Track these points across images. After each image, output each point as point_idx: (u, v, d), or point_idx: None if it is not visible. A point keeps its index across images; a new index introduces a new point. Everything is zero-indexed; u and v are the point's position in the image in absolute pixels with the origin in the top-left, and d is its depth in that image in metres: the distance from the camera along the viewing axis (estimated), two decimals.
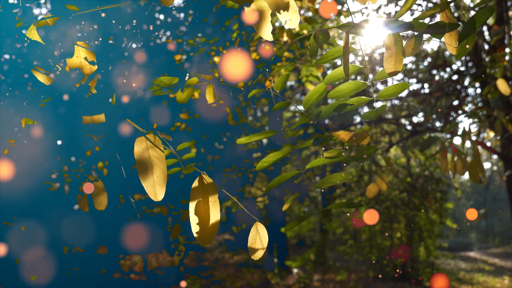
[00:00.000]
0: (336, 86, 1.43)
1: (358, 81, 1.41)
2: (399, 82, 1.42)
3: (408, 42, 1.31)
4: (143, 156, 1.17)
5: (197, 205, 1.18)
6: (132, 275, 6.24)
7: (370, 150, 1.40)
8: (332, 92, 1.43)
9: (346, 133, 1.37)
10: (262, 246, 1.28)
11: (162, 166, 1.17)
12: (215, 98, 1.48)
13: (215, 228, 1.18)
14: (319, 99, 1.44)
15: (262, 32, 1.25)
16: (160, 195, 1.16)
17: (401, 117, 8.27)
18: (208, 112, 5.66)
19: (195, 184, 1.20)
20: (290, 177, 1.49)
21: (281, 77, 1.44)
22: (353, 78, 7.77)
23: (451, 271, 12.42)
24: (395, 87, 1.40)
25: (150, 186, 1.16)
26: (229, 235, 12.29)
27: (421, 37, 1.29)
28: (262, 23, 1.24)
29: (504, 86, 2.79)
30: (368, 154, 1.40)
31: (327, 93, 1.46)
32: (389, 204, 10.16)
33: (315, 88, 1.44)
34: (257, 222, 1.29)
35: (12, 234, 5.02)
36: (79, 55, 1.46)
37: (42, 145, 5.17)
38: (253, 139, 1.49)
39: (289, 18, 1.25)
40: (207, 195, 1.20)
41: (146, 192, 5.19)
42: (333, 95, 1.43)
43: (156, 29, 6.16)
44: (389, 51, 1.28)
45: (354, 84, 1.41)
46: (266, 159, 1.52)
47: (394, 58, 1.28)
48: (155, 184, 1.16)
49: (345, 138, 1.36)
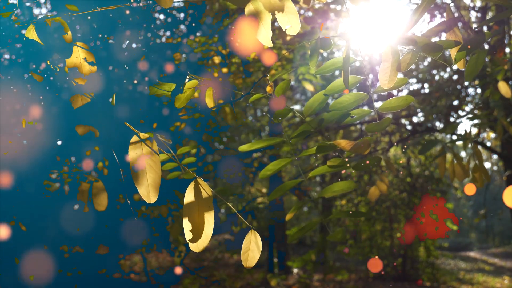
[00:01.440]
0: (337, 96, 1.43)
1: (359, 93, 1.40)
2: (401, 96, 1.41)
3: (404, 57, 1.29)
4: (137, 160, 1.16)
5: (190, 211, 1.16)
6: (132, 275, 6.24)
7: (372, 161, 1.39)
8: (333, 104, 1.43)
9: (347, 142, 1.36)
10: (255, 254, 1.26)
11: (157, 169, 1.16)
12: (215, 102, 1.47)
13: (208, 236, 1.16)
14: (321, 106, 1.44)
15: (261, 37, 1.24)
16: (153, 197, 1.16)
17: (401, 117, 8.27)
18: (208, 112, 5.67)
19: (189, 189, 1.17)
20: (293, 186, 1.48)
21: (282, 83, 1.43)
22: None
23: (451, 271, 12.42)
24: (398, 100, 1.38)
25: (144, 188, 1.16)
26: (229, 235, 12.29)
27: (417, 54, 1.28)
28: (261, 28, 1.23)
29: (505, 88, 2.79)
30: (370, 164, 1.39)
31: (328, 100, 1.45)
32: (389, 204, 10.16)
33: (315, 96, 1.43)
34: (252, 230, 1.27)
35: (12, 234, 5.02)
36: (78, 56, 1.46)
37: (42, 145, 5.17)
38: (255, 147, 1.48)
39: (290, 25, 1.24)
40: (201, 201, 1.18)
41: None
42: (334, 107, 1.42)
43: (156, 29, 6.16)
44: (385, 63, 1.27)
45: (355, 96, 1.40)
46: (269, 167, 1.51)
47: (389, 71, 1.27)
48: (148, 186, 1.16)
49: (346, 148, 1.35)
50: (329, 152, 1.43)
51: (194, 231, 1.15)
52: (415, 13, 1.30)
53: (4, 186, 4.92)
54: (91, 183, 1.70)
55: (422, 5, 1.28)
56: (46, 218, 5.29)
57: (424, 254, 10.07)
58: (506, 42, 7.09)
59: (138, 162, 1.15)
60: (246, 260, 1.26)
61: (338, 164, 1.44)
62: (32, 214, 5.27)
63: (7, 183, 4.91)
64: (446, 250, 18.64)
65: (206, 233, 1.16)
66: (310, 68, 4.62)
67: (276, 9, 1.20)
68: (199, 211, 1.16)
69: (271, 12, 1.21)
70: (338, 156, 1.48)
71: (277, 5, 1.20)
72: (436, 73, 8.25)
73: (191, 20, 6.17)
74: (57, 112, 5.38)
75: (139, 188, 1.15)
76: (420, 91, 8.13)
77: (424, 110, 7.59)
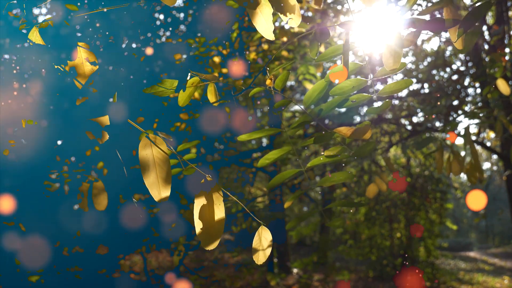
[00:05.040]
0: (337, 84, 1.42)
1: (359, 78, 1.40)
2: (400, 80, 1.41)
3: (407, 36, 1.31)
4: (146, 158, 1.16)
5: (201, 208, 1.16)
6: (132, 275, 6.24)
7: (369, 147, 1.40)
8: (334, 89, 1.42)
9: (347, 129, 1.36)
10: (265, 250, 1.27)
11: (166, 167, 1.16)
12: (217, 97, 1.47)
13: (220, 231, 1.17)
14: (320, 96, 1.43)
15: (264, 31, 1.25)
16: (164, 195, 1.15)
17: (401, 117, 8.27)
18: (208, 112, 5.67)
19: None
20: (292, 175, 1.48)
21: (282, 75, 1.43)
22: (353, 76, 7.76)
23: (451, 271, 12.42)
24: (397, 84, 1.39)
25: (154, 186, 1.15)
26: (229, 235, 12.29)
27: (420, 32, 1.30)
28: (263, 22, 1.24)
29: (504, 86, 2.79)
30: (368, 150, 1.39)
31: (327, 90, 1.45)
32: (389, 204, 10.16)
33: (315, 85, 1.43)
34: (262, 226, 1.28)
35: (12, 234, 5.02)
36: (80, 56, 1.46)
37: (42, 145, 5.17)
38: (254, 136, 1.48)
39: (291, 17, 1.25)
40: (212, 198, 1.18)
41: (145, 192, 5.15)
42: (335, 92, 1.42)
43: (156, 28, 6.16)
44: (388, 48, 1.28)
45: (355, 81, 1.40)
46: (268, 156, 1.51)
47: (393, 55, 1.28)
48: (159, 185, 1.15)
49: (347, 134, 1.35)
50: (328, 141, 1.43)
51: (205, 228, 1.15)
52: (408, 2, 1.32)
53: (4, 186, 4.92)
54: (91, 183, 1.70)
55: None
56: (46, 218, 5.29)
57: (424, 254, 10.07)
58: (506, 42, 7.09)
59: (147, 160, 1.15)
60: (257, 255, 1.27)
61: (337, 153, 1.43)
62: (32, 214, 5.27)
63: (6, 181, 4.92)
64: (446, 250, 18.64)
65: (217, 230, 1.16)
66: (310, 68, 4.63)
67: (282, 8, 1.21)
68: (209, 208, 1.17)
69: (274, 5, 1.21)
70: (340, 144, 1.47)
71: (283, 2, 1.21)
72: (436, 73, 8.25)
73: (191, 20, 6.17)
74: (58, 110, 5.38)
75: (149, 186, 1.14)
76: (420, 91, 8.13)
77: (424, 110, 7.59)
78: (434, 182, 10.15)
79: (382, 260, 10.13)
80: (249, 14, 1.23)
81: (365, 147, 1.41)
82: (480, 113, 3.12)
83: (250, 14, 1.23)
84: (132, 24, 5.68)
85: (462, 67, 7.83)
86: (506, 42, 7.09)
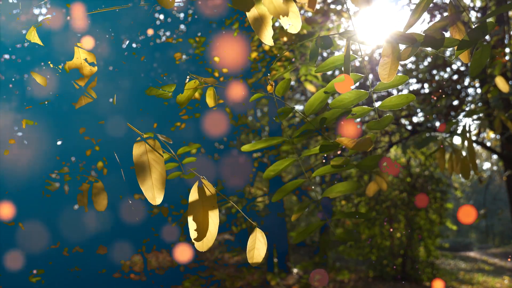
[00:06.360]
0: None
1: (359, 91, 1.39)
2: (402, 94, 1.41)
3: (405, 50, 1.30)
4: (141, 160, 1.15)
5: (195, 211, 1.16)
6: (132, 275, 6.24)
7: (374, 161, 1.39)
8: (334, 102, 1.42)
9: (349, 140, 1.36)
10: (261, 252, 1.27)
11: (161, 170, 1.15)
12: (216, 101, 1.47)
13: (213, 235, 1.17)
14: (322, 105, 1.43)
15: (263, 37, 1.25)
16: (158, 198, 1.15)
17: (401, 117, 8.27)
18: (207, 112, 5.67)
19: (193, 189, 1.17)
20: (296, 186, 1.47)
21: (283, 82, 1.42)
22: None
23: (451, 271, 12.42)
24: (399, 98, 1.38)
25: (149, 189, 1.15)
26: (229, 235, 12.29)
27: (417, 47, 1.28)
28: (263, 28, 1.24)
29: (503, 84, 2.77)
30: (372, 165, 1.39)
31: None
32: (389, 204, 10.16)
33: (316, 95, 1.43)
34: (257, 228, 1.27)
35: (12, 234, 5.02)
36: (79, 56, 1.46)
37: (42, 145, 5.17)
38: (257, 147, 1.47)
39: (291, 23, 1.24)
40: (205, 200, 1.18)
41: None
42: (335, 105, 1.42)
43: (156, 28, 6.16)
44: (385, 58, 1.28)
45: (356, 93, 1.39)
46: (273, 167, 1.50)
47: (389, 66, 1.28)
48: (153, 187, 1.15)
49: (349, 145, 1.35)
50: (332, 151, 1.43)
51: (199, 230, 1.15)
52: (415, 13, 1.31)
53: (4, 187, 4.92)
54: (91, 183, 1.70)
55: (421, 4, 1.29)
56: (46, 218, 5.29)
57: (424, 254, 10.07)
58: (506, 42, 7.09)
59: (142, 162, 1.14)
60: (252, 257, 1.26)
61: (341, 163, 1.43)
62: (31, 214, 5.27)
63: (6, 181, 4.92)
64: (446, 250, 18.63)
65: (211, 232, 1.16)
66: (311, 69, 4.62)
67: (280, 13, 1.20)
68: (204, 210, 1.16)
69: (275, 16, 1.21)
70: (341, 155, 1.47)
71: (282, 9, 1.20)
72: (436, 73, 8.25)
73: (191, 20, 6.18)
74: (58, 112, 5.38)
75: (143, 189, 1.14)
76: (420, 91, 8.13)
77: (424, 110, 7.59)
78: (434, 182, 10.15)
79: (382, 260, 10.13)
80: (250, 21, 1.23)
81: (370, 161, 1.40)
82: (480, 111, 3.10)
83: (250, 21, 1.22)
84: (132, 24, 5.68)
85: (462, 67, 7.82)
86: (506, 42, 7.09)
